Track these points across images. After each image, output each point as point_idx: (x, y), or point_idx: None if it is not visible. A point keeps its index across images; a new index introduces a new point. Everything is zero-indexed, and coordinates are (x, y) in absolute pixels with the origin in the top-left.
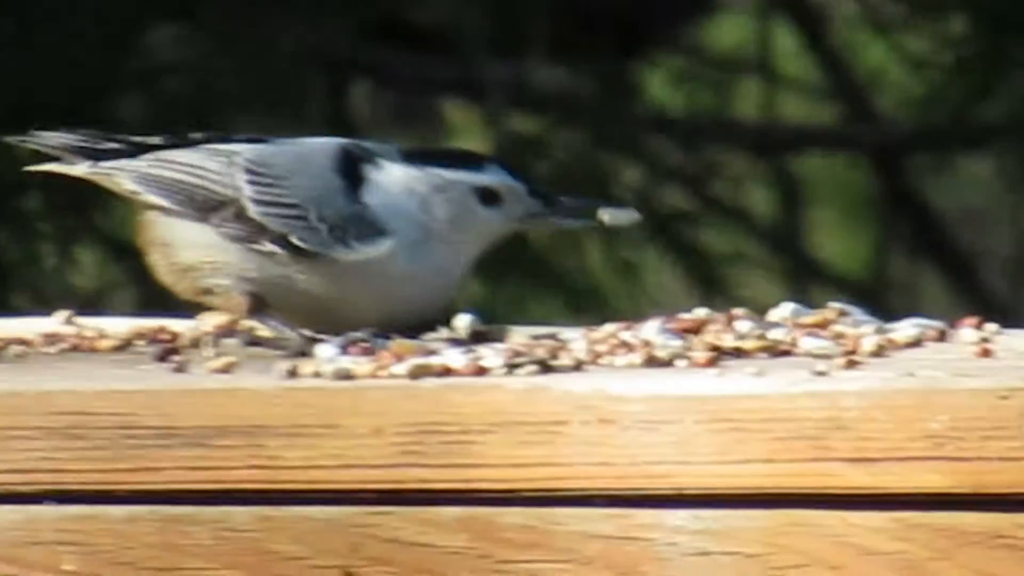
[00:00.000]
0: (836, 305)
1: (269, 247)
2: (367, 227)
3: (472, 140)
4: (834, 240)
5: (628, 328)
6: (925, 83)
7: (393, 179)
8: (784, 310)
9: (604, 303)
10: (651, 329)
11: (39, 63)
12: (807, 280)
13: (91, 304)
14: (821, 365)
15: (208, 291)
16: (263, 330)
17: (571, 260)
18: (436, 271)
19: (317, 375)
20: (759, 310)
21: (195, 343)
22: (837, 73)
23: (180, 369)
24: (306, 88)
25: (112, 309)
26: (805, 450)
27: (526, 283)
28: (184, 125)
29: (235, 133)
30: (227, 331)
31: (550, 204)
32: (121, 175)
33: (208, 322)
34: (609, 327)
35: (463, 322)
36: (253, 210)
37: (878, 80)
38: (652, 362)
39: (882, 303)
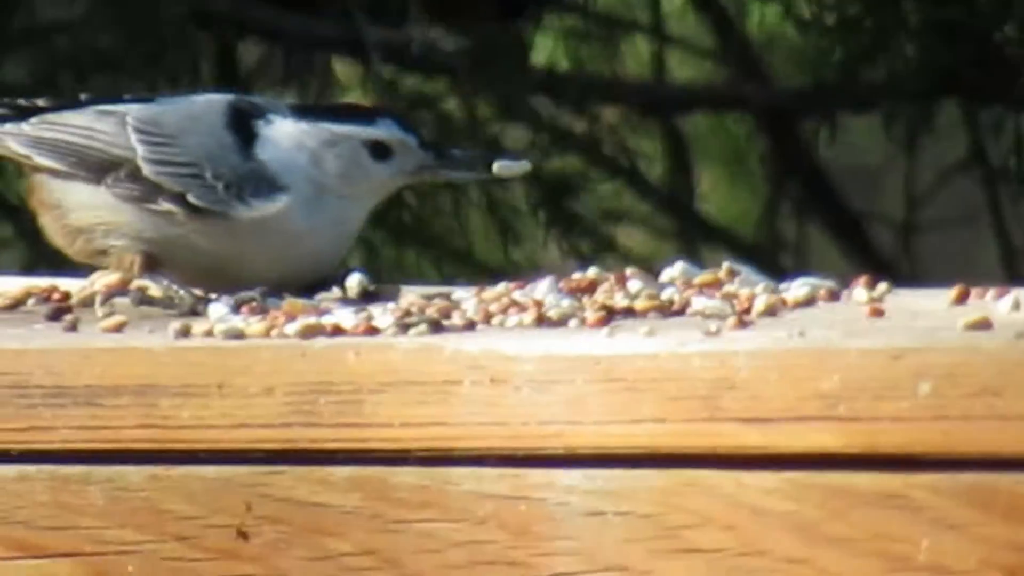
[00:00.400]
0: (727, 264)
1: (166, 206)
2: (263, 183)
3: (360, 99)
4: (724, 199)
5: (520, 288)
6: (813, 43)
7: (283, 134)
8: (675, 269)
9: (492, 263)
10: (543, 289)
11: None
12: (697, 239)
13: None
14: (712, 325)
15: (102, 252)
16: (154, 289)
17: (454, 220)
18: (331, 226)
19: (209, 334)
20: (650, 269)
21: (86, 302)
22: (725, 32)
23: (71, 328)
24: (194, 47)
25: (1, 268)
26: (697, 410)
27: (416, 243)
28: (71, 84)
29: (122, 93)
30: (118, 290)
31: (441, 156)
32: (9, 139)
33: (99, 281)
34: (501, 287)
35: (353, 281)
36: (147, 170)
37: (767, 40)
38: (543, 322)
39: (772, 262)
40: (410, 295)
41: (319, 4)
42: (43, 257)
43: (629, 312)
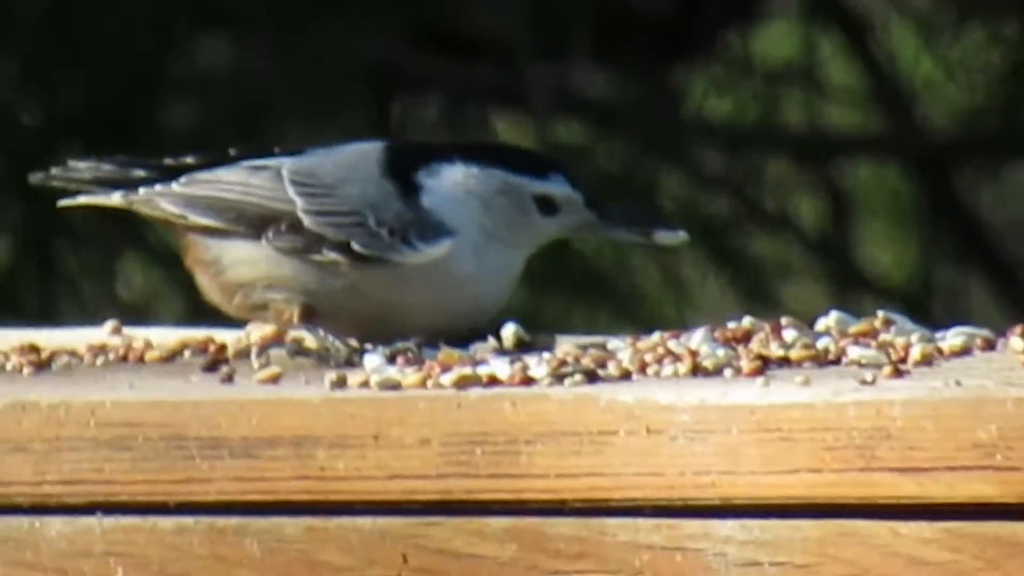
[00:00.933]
0: (883, 314)
1: (330, 256)
2: (428, 228)
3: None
4: (880, 248)
5: (675, 337)
6: (970, 90)
7: (451, 181)
8: (830, 319)
9: (650, 312)
10: (698, 338)
11: (88, 74)
12: (853, 289)
13: (138, 313)
14: (868, 374)
15: (261, 306)
16: (310, 341)
17: (616, 269)
18: (495, 272)
19: (364, 385)
20: (805, 319)
21: (242, 354)
22: (882, 80)
23: (228, 380)
24: (354, 97)
25: (159, 318)
26: (853, 460)
27: (571, 291)
28: (231, 134)
29: (277, 144)
30: (274, 341)
31: (604, 216)
32: (163, 200)
33: (255, 333)
34: (656, 336)
35: (508, 331)
36: (308, 221)
37: (924, 87)
38: (699, 371)
39: (928, 312)
40: (565, 345)
41: (477, 50)
42: (199, 309)
43: (784, 362)
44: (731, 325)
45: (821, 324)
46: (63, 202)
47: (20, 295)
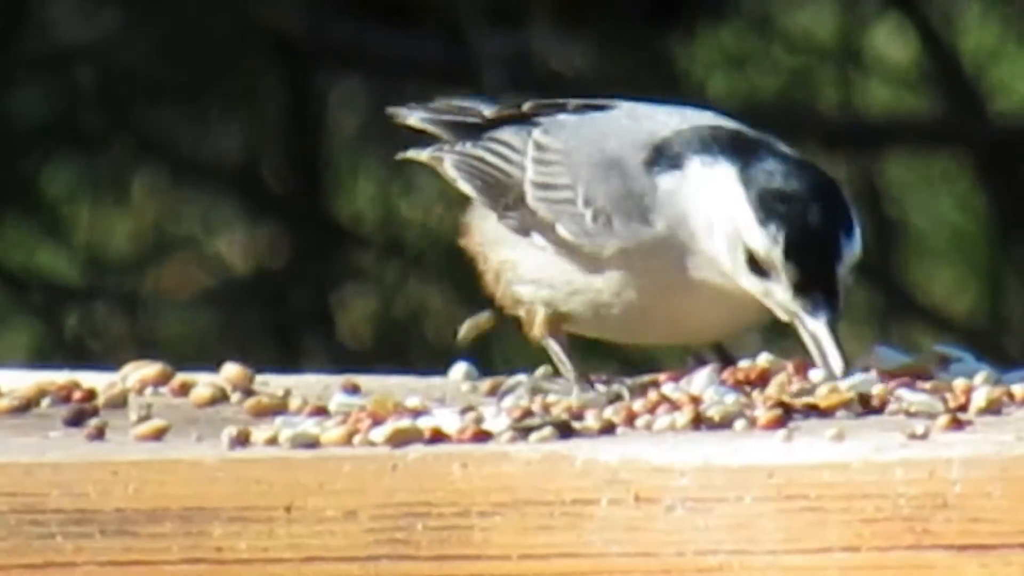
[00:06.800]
0: (938, 349)
1: (538, 241)
2: (637, 214)
3: None
4: (934, 268)
5: (672, 380)
6: None
7: (699, 178)
8: (871, 356)
9: (633, 349)
10: (701, 381)
11: None
12: (900, 319)
13: None
14: (919, 425)
15: (518, 302)
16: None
17: None
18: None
19: (272, 443)
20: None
21: (116, 402)
22: (937, 53)
23: (97, 436)
24: (256, 73)
25: (6, 357)
26: (899, 535)
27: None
28: (98, 124)
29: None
30: (156, 385)
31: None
32: (447, 158)
33: (133, 375)
34: (647, 378)
35: (458, 373)
36: (531, 195)
37: (989, 61)
38: (702, 423)
39: (995, 347)
40: (532, 389)
41: (416, 17)
42: (60, 344)
43: (811, 410)
44: (743, 364)
45: (860, 362)
46: (402, 155)
47: None
